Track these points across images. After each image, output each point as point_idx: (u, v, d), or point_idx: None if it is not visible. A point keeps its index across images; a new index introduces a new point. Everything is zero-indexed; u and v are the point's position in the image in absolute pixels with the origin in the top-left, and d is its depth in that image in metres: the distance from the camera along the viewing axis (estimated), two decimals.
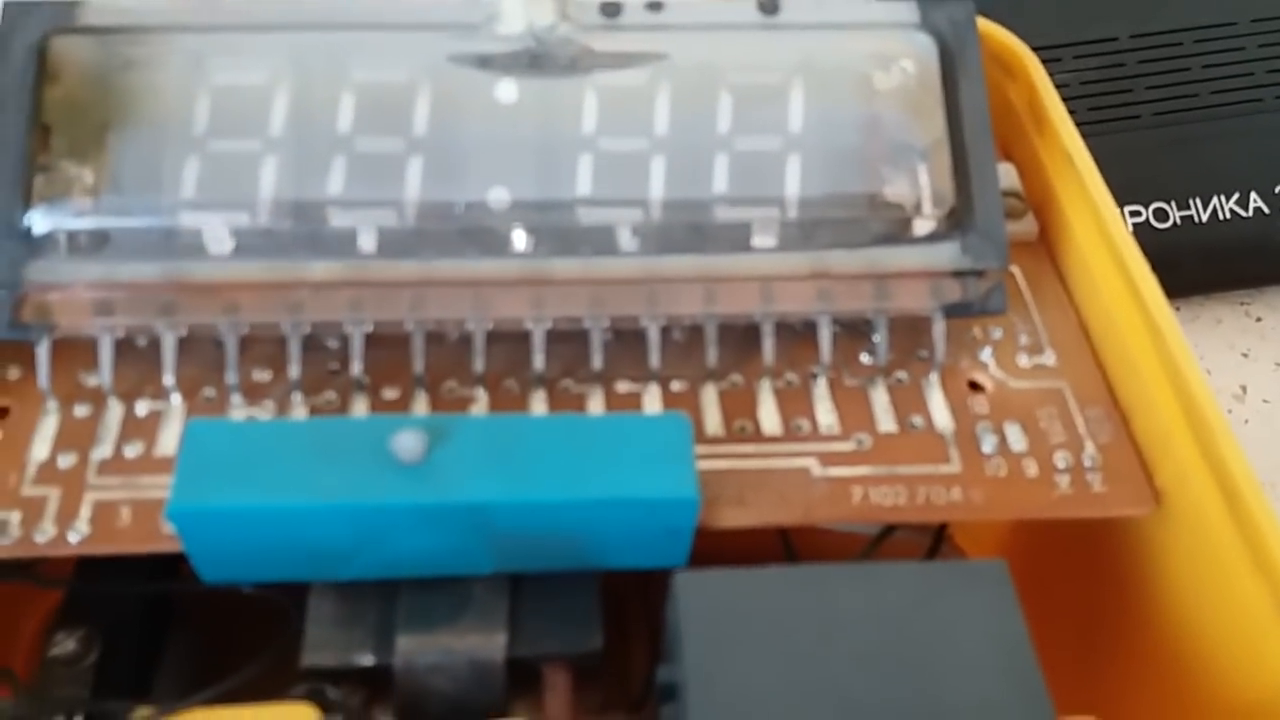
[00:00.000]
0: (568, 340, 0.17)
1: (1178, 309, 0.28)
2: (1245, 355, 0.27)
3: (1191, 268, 0.27)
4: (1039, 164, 0.20)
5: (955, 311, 0.18)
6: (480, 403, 0.17)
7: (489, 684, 0.15)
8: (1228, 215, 0.27)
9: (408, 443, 0.14)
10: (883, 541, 0.17)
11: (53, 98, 0.16)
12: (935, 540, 0.18)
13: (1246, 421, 0.26)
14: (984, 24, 0.21)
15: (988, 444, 0.17)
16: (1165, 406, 0.16)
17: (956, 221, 0.17)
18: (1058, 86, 0.21)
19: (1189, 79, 0.28)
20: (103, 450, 0.16)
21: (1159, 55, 0.28)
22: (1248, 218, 0.27)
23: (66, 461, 0.16)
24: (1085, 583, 0.18)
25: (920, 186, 0.17)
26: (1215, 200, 0.27)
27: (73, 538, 0.15)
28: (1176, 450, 0.16)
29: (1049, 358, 0.18)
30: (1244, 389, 0.27)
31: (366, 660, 0.15)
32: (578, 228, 0.17)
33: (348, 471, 0.14)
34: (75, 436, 0.16)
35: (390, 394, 0.17)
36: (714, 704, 0.13)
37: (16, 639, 0.19)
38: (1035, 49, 0.21)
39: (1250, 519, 0.14)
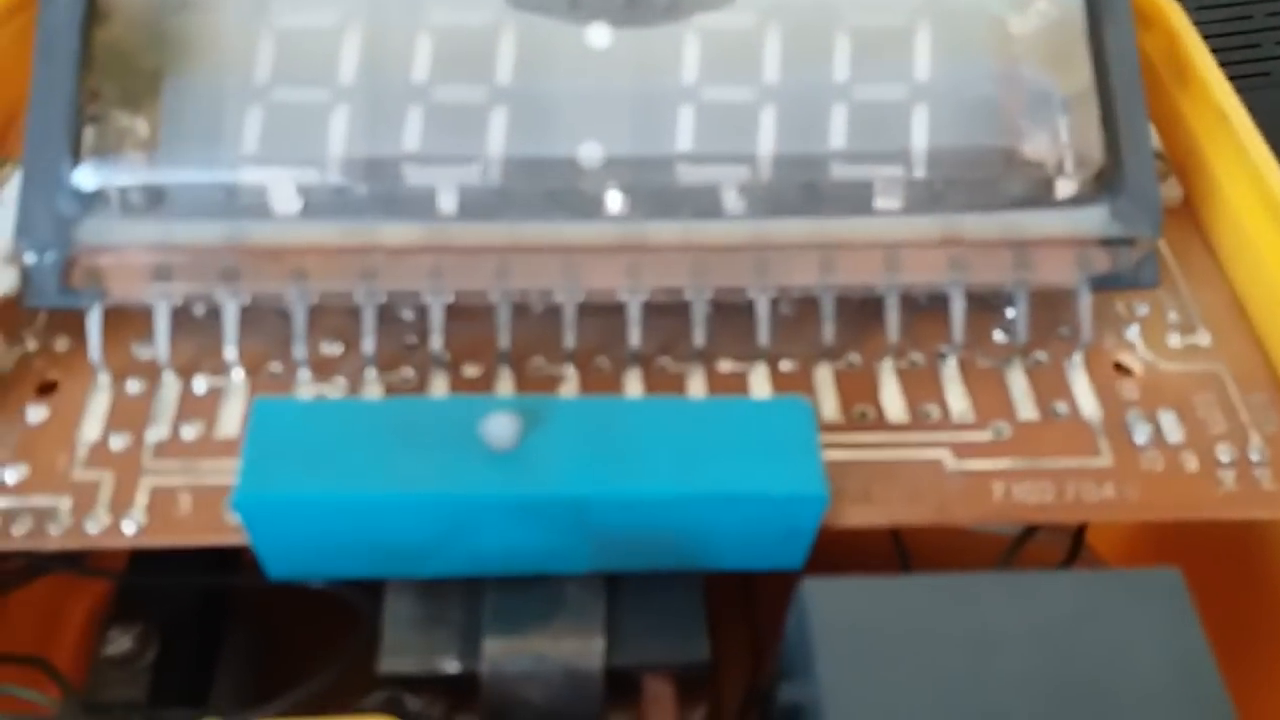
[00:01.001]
0: (666, 313, 0.16)
1: None
2: None
3: None
4: (1182, 122, 0.18)
5: (1101, 284, 0.16)
6: (570, 382, 0.15)
7: (585, 695, 0.14)
8: None
9: (500, 427, 0.13)
10: (1024, 544, 0.16)
11: (103, 40, 0.15)
12: (1075, 543, 0.16)
13: None
14: None
15: (1141, 434, 0.15)
16: None
17: (1104, 183, 0.16)
18: None
19: None
20: (159, 431, 0.14)
21: None
22: None
23: (120, 443, 0.14)
24: (1237, 592, 0.17)
25: (1062, 143, 0.16)
26: None
27: (128, 528, 0.13)
28: None
29: (1202, 337, 0.16)
30: None
31: (450, 667, 0.14)
32: (678, 187, 0.15)
33: (432, 458, 0.13)
34: (129, 415, 0.15)
35: (472, 371, 0.15)
36: None
37: (61, 631, 0.18)
38: None
39: None
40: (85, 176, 0.14)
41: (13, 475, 0.14)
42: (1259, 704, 0.15)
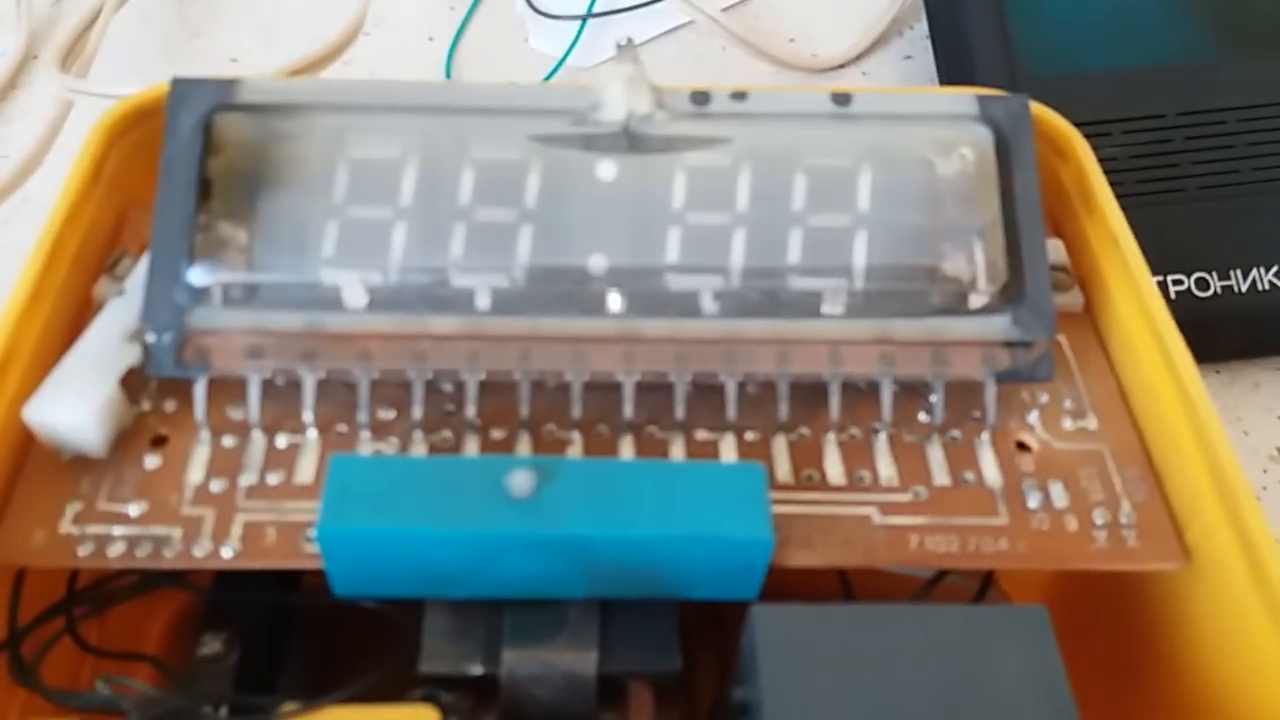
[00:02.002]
0: (654, 391, 0.19)
1: (1217, 373, 0.29)
2: None
3: (1231, 335, 0.28)
4: (1086, 241, 0.22)
5: (1006, 377, 0.19)
6: (576, 444, 0.19)
7: (581, 695, 0.17)
8: (1267, 286, 0.28)
9: (520, 481, 0.16)
10: (935, 585, 0.19)
11: (214, 167, 0.19)
12: (982, 586, 0.20)
13: None
14: (1038, 108, 0.23)
15: (1033, 500, 0.18)
16: (1195, 469, 0.18)
17: (1008, 296, 0.19)
18: (1107, 160, 0.23)
19: (1232, 155, 0.30)
20: (249, 477, 0.18)
21: (1205, 133, 0.30)
22: None
23: (218, 486, 0.18)
24: (1118, 631, 0.20)
25: (976, 263, 0.19)
26: (1255, 271, 0.28)
27: (226, 553, 0.17)
28: (1204, 510, 0.18)
29: (1091, 421, 0.20)
30: None
31: (476, 670, 0.17)
32: (666, 292, 0.19)
33: (467, 504, 0.16)
34: (225, 464, 0.18)
35: (498, 434, 0.19)
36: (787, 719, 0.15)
37: (149, 635, 0.22)
38: (1086, 124, 0.23)
39: (1269, 577, 0.16)
40: (197, 275, 0.18)
41: (135, 509, 0.17)
42: (1124, 713, 0.18)
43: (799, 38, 0.40)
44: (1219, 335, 0.28)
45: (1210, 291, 0.28)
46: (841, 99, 0.20)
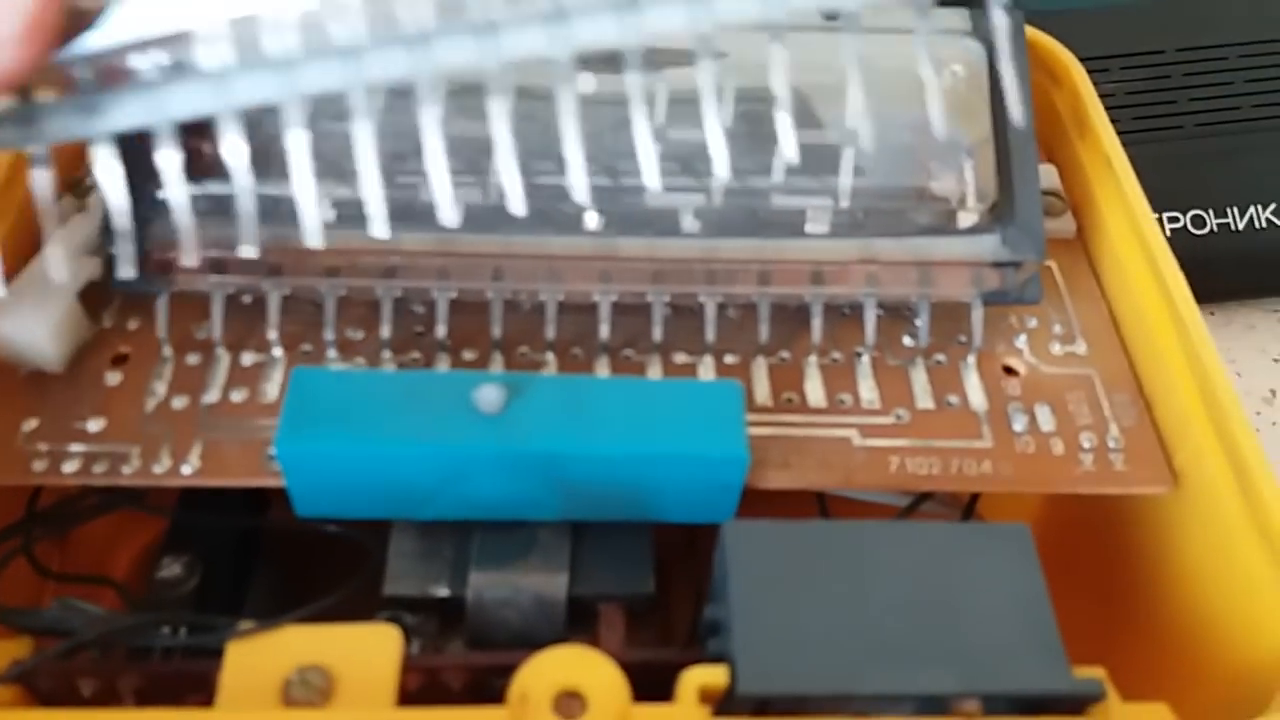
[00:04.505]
0: (631, 313, 0.19)
1: (1212, 314, 0.29)
2: (1276, 360, 0.28)
3: (1226, 274, 0.28)
4: (1079, 166, 0.21)
5: (993, 300, 0.19)
6: (550, 366, 0.18)
7: (551, 619, 0.17)
8: (1263, 224, 0.28)
9: (489, 395, 0.16)
10: (914, 510, 0.19)
11: None
12: (966, 512, 0.19)
13: (1275, 423, 0.27)
14: (1033, 33, 0.22)
15: (1018, 423, 0.18)
16: (1186, 393, 0.17)
17: (998, 216, 0.18)
18: (1105, 96, 0.22)
19: (1231, 92, 0.29)
20: (212, 395, 0.17)
21: (1203, 69, 0.29)
22: None
23: (180, 403, 0.17)
24: (1105, 557, 0.20)
25: (965, 182, 0.19)
26: (1252, 210, 0.28)
27: (185, 470, 0.17)
28: (1194, 434, 0.17)
29: (1080, 346, 0.19)
30: (1273, 392, 0.27)
31: (442, 592, 0.16)
32: (645, 209, 0.18)
33: (435, 419, 0.16)
34: (187, 382, 0.18)
35: (469, 355, 0.18)
36: (756, 636, 0.14)
37: (117, 563, 0.21)
38: (1085, 59, 0.22)
39: (1259, 497, 0.16)
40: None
41: (94, 426, 0.17)
42: (1109, 636, 0.18)
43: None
44: (1214, 274, 0.27)
45: (1206, 229, 0.28)
46: (830, 15, 0.19)
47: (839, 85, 0.19)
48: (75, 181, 0.20)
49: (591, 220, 0.18)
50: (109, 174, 0.15)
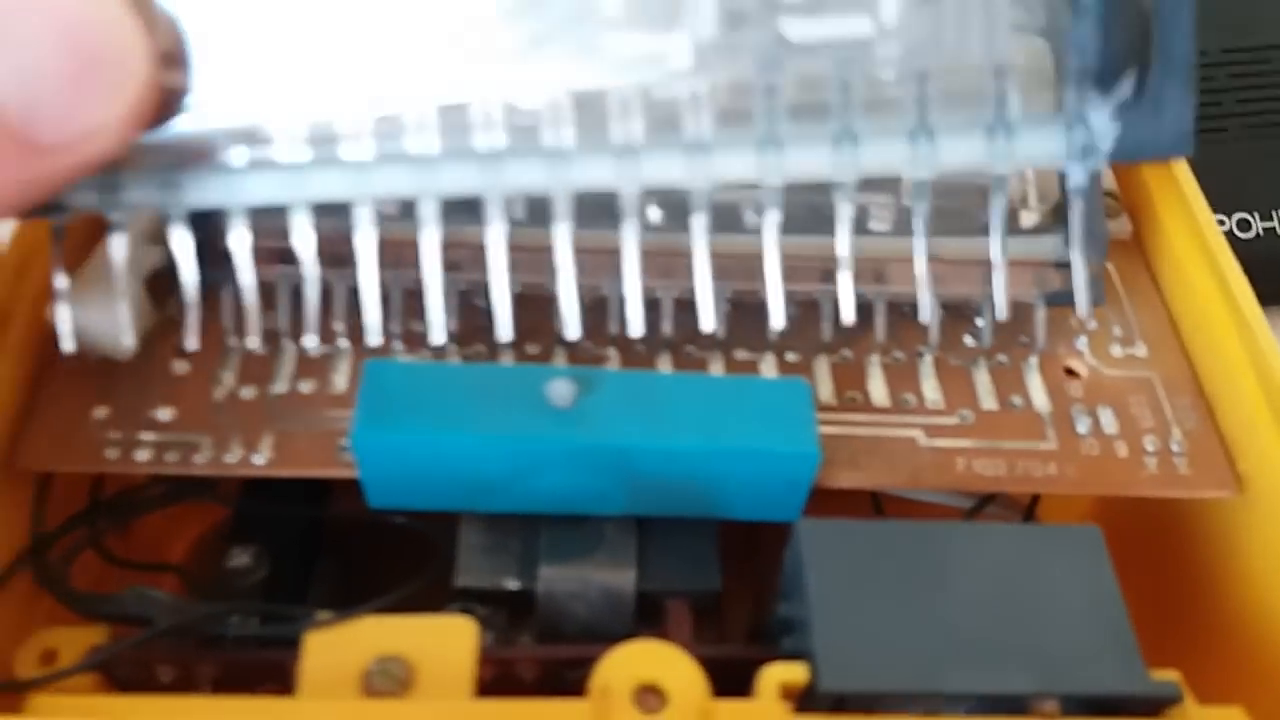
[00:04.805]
0: (693, 309, 0.19)
1: None
2: None
3: (1273, 277, 0.28)
4: (1135, 167, 0.21)
5: (1055, 300, 0.19)
6: (613, 361, 0.18)
7: (619, 613, 0.17)
8: None
9: (561, 389, 0.16)
10: (979, 512, 0.19)
11: None
12: (1027, 514, 0.19)
13: None
14: None
15: (1082, 425, 0.18)
16: (1250, 397, 0.17)
17: (1060, 216, 0.18)
18: None
19: (1277, 95, 0.29)
20: (280, 385, 0.17)
21: (1249, 70, 0.29)
22: None
23: (248, 393, 0.17)
24: (1163, 560, 0.20)
25: (1028, 182, 0.19)
26: None
27: (257, 460, 0.17)
28: (1260, 439, 0.17)
29: (1140, 349, 0.19)
30: None
31: (513, 584, 0.17)
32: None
33: (507, 412, 0.16)
34: (255, 372, 0.18)
35: (532, 349, 0.18)
36: (836, 634, 0.14)
37: (173, 549, 0.21)
38: None
39: None
40: None
41: (164, 414, 0.17)
42: (1172, 640, 0.18)
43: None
44: (1261, 277, 0.27)
45: (1252, 233, 0.28)
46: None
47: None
48: None
49: (654, 215, 0.18)
50: (183, 250, 0.16)
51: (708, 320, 0.16)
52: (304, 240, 0.16)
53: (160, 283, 0.18)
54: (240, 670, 0.16)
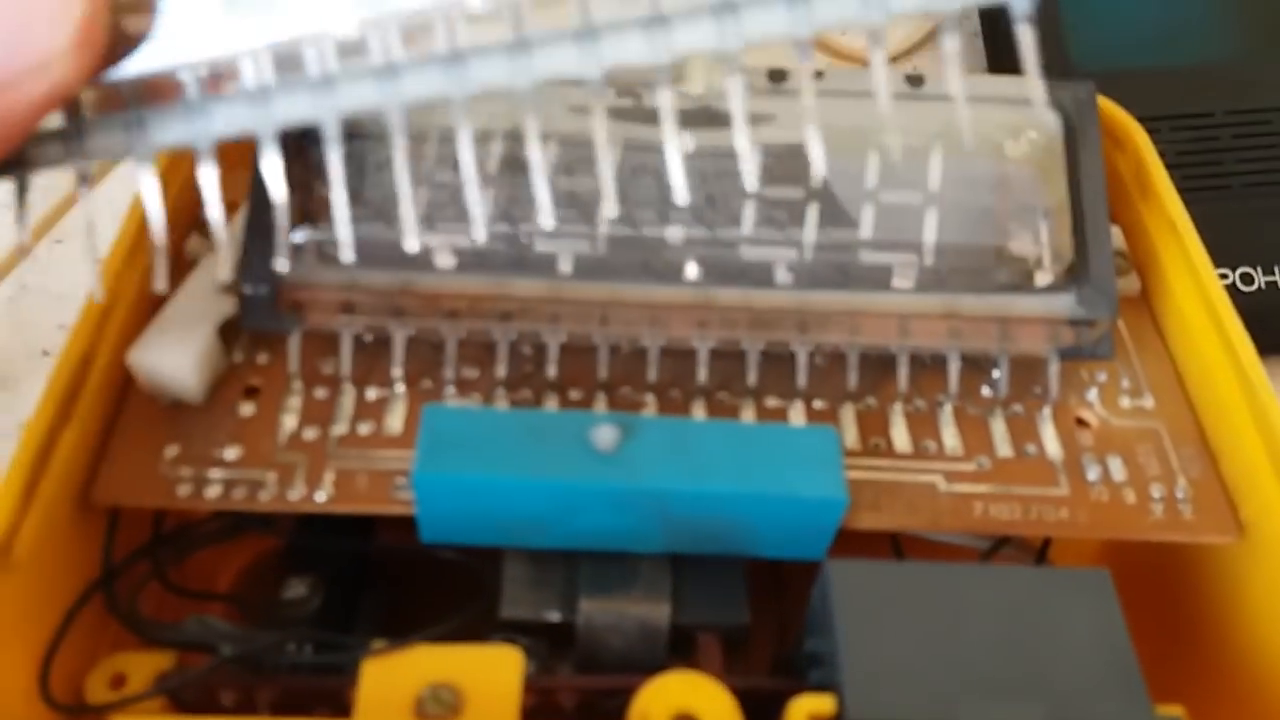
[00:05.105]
0: (727, 358, 0.20)
1: None
2: None
3: (1274, 329, 0.29)
4: (1143, 227, 0.22)
5: (1068, 354, 0.20)
6: (650, 406, 0.20)
7: (654, 645, 0.18)
8: None
9: (605, 435, 0.17)
10: (994, 553, 0.20)
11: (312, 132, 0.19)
12: (1039, 556, 0.20)
13: None
14: (1099, 99, 0.23)
15: (1092, 472, 0.19)
16: (1252, 448, 0.18)
17: (1073, 276, 0.20)
18: None
19: (1277, 154, 0.30)
20: (340, 427, 0.19)
21: (1250, 131, 0.30)
22: None
23: (311, 434, 0.19)
24: (1169, 602, 0.20)
25: (1042, 243, 0.20)
26: None
27: (319, 497, 0.18)
28: (1261, 487, 0.18)
29: (1148, 401, 0.20)
30: None
31: (554, 617, 0.18)
32: (740, 262, 0.19)
33: (555, 455, 0.17)
34: (317, 414, 0.19)
35: (575, 394, 0.20)
36: (863, 668, 0.15)
37: (221, 578, 0.22)
38: (1135, 120, 0.24)
39: None
40: (295, 232, 0.19)
41: (231, 454, 0.18)
42: (1178, 678, 0.19)
43: (851, 30, 0.40)
44: (1263, 329, 0.28)
45: (1255, 286, 0.29)
46: (915, 80, 0.21)
47: (925, 147, 0.20)
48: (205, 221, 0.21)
49: (691, 271, 0.19)
50: (149, 190, 0.15)
51: (680, 195, 0.16)
52: (273, 169, 0.15)
53: (231, 330, 0.19)
54: (298, 695, 0.17)
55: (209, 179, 0.15)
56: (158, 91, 0.15)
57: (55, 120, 0.15)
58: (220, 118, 0.15)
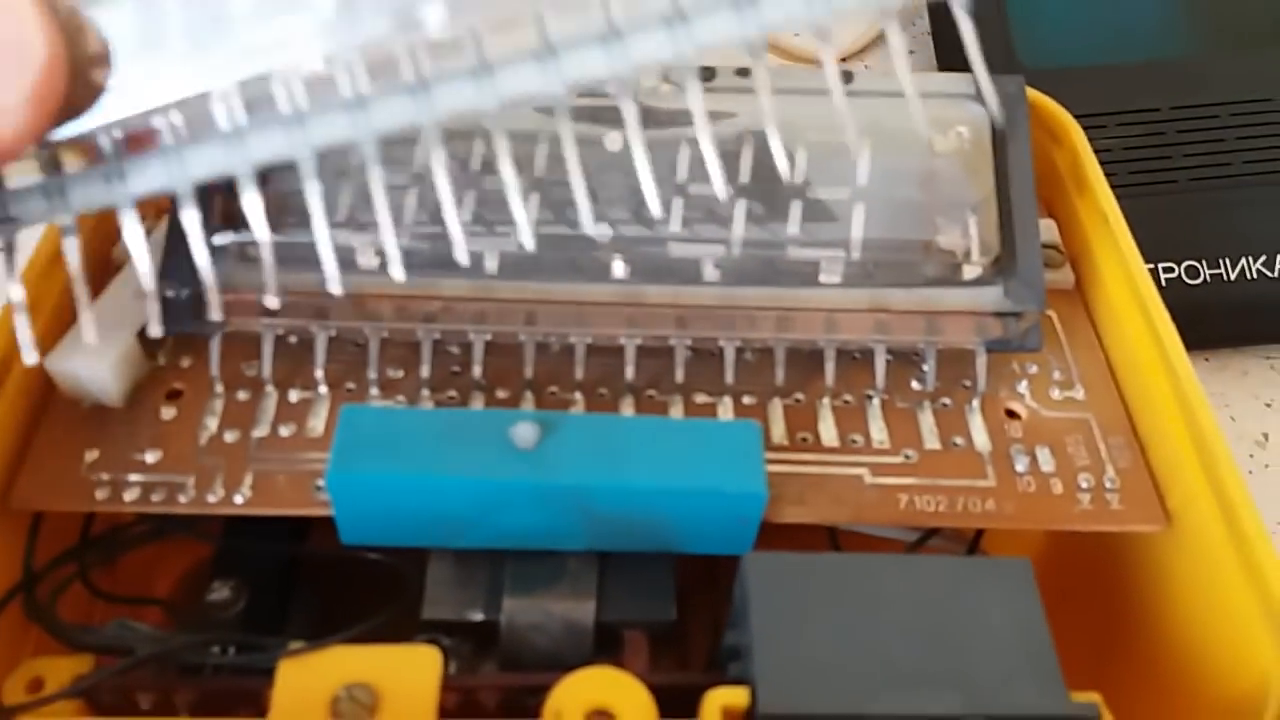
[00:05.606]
0: (654, 356, 0.20)
1: (1207, 360, 0.30)
2: (1268, 405, 0.29)
3: (1220, 322, 0.29)
4: (1078, 221, 0.22)
5: (996, 347, 0.20)
6: (578, 405, 0.19)
7: (579, 643, 0.18)
8: (1254, 275, 0.29)
9: (524, 432, 0.17)
10: (921, 545, 0.20)
11: None
12: (971, 547, 0.20)
13: (1267, 466, 0.28)
14: (1034, 95, 0.24)
15: (1020, 463, 0.19)
16: (1178, 438, 0.18)
17: (1000, 269, 0.20)
18: (1102, 152, 0.23)
19: (1224, 149, 0.30)
20: (262, 429, 0.19)
21: (1197, 126, 0.31)
22: (1274, 279, 0.29)
23: (231, 436, 0.18)
24: (1101, 590, 0.20)
25: (970, 236, 0.20)
26: (1244, 261, 0.29)
27: (238, 499, 0.18)
28: (1186, 477, 0.18)
29: (1078, 392, 0.20)
30: (1266, 436, 0.29)
31: (477, 616, 0.17)
32: (668, 259, 0.19)
33: (474, 453, 0.17)
34: (238, 417, 0.19)
35: (502, 394, 0.19)
36: (775, 660, 0.15)
37: (159, 584, 0.22)
38: (1082, 116, 0.24)
39: (1246, 537, 0.17)
40: (216, 235, 0.19)
41: (151, 457, 0.18)
42: (1105, 665, 0.18)
43: (803, 31, 0.40)
44: (1208, 322, 0.28)
45: (1200, 279, 0.29)
46: (845, 76, 0.21)
47: (852, 145, 0.20)
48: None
49: (619, 269, 0.19)
50: (135, 238, 0.15)
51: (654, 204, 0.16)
52: (253, 206, 0.15)
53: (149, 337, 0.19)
54: (216, 697, 0.16)
55: (192, 221, 0.15)
56: (133, 138, 0.15)
57: (35, 176, 0.15)
58: (197, 162, 0.15)
